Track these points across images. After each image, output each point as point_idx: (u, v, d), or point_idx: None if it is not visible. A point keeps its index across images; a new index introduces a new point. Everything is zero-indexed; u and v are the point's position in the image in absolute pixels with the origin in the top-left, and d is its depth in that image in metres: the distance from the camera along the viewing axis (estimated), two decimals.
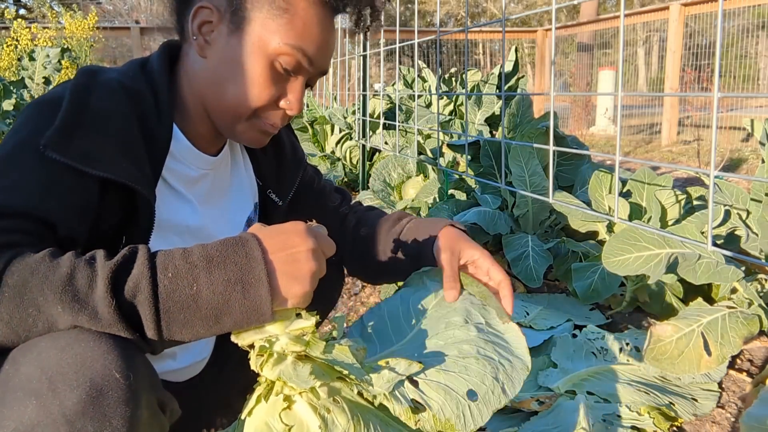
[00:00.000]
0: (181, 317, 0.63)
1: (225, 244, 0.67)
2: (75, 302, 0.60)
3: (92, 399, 0.57)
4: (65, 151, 0.72)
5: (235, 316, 0.65)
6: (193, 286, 0.63)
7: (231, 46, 0.86)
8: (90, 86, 0.80)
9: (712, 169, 1.14)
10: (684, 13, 6.99)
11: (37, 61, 4.03)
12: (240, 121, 0.90)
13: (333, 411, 0.67)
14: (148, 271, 0.62)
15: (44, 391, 0.57)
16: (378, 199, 3.30)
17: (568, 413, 1.37)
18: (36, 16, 17.85)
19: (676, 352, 1.45)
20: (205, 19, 0.87)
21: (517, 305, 2.05)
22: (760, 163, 1.74)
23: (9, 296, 0.60)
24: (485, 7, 24.30)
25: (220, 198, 1.02)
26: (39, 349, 0.60)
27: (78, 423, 0.56)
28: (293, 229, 0.69)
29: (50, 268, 0.61)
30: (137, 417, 0.60)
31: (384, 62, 5.17)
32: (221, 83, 0.87)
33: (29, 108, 0.78)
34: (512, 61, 3.85)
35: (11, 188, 0.69)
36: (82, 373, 0.58)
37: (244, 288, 0.64)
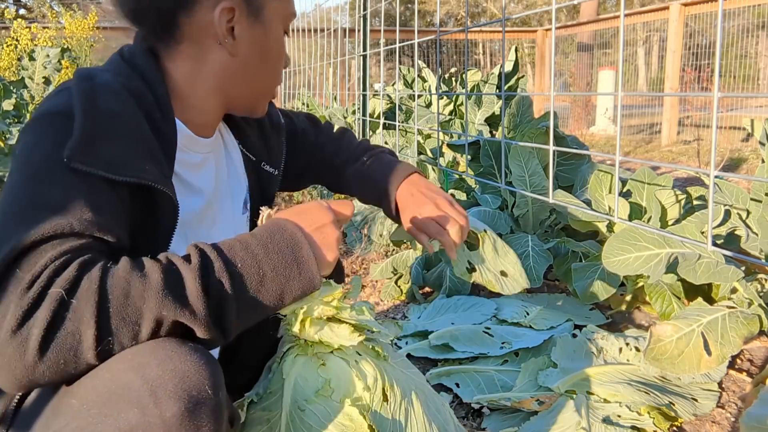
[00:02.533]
0: (254, 299, 0.70)
1: (270, 232, 0.74)
2: (173, 308, 0.65)
3: (189, 411, 0.61)
4: (91, 162, 0.72)
5: (294, 291, 0.73)
6: (259, 270, 0.70)
7: (256, 35, 0.92)
8: (94, 90, 0.79)
9: (712, 169, 1.14)
10: (684, 13, 6.99)
11: (37, 61, 4.03)
12: (268, 95, 1.01)
13: (361, 363, 0.79)
14: (224, 266, 0.68)
15: (146, 400, 0.60)
16: None
17: (568, 413, 1.37)
18: (36, 16, 17.85)
19: (676, 352, 1.45)
20: (228, 18, 0.88)
21: (517, 305, 2.05)
22: (760, 163, 1.74)
23: (114, 310, 0.63)
24: (485, 7, 24.30)
25: (223, 180, 1.04)
26: (140, 359, 0.63)
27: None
28: (313, 206, 0.79)
29: (142, 277, 0.65)
30: (221, 431, 0.65)
31: (384, 62, 5.17)
32: (253, 72, 0.94)
33: (39, 121, 0.77)
34: (512, 61, 3.85)
35: (59, 207, 0.69)
36: (181, 387, 0.62)
37: (299, 266, 0.73)
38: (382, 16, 4.07)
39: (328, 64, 6.00)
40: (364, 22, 3.87)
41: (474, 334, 1.79)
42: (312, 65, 6.39)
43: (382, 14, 4.00)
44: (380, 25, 6.42)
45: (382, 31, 4.05)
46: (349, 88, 5.50)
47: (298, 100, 6.36)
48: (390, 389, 0.79)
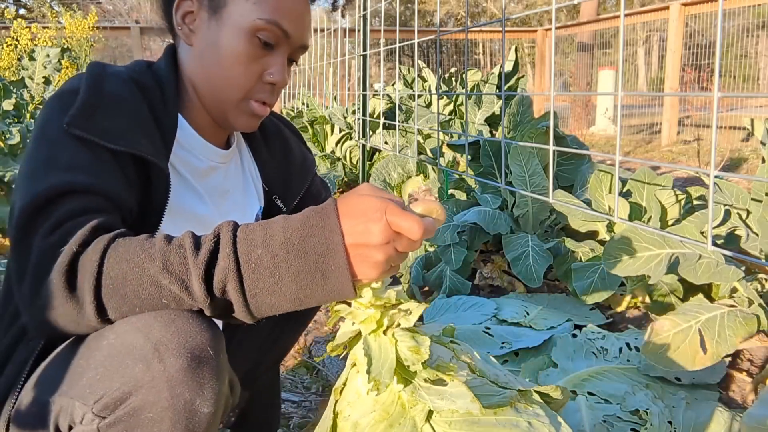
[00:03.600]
0: (268, 301, 0.67)
1: (305, 226, 0.66)
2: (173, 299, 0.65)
3: (192, 369, 0.63)
4: (87, 128, 0.77)
5: (318, 298, 0.67)
6: (275, 274, 0.65)
7: (212, 30, 0.91)
8: (102, 75, 0.85)
9: (712, 169, 1.14)
10: (684, 12, 6.99)
11: (37, 60, 4.03)
12: (230, 104, 0.94)
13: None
14: (233, 264, 0.65)
15: (150, 356, 0.62)
16: None
17: (568, 413, 1.37)
18: (36, 16, 17.85)
19: (672, 347, 1.45)
20: (186, 10, 0.93)
21: (517, 305, 2.05)
22: (760, 162, 1.74)
23: (113, 289, 0.65)
24: (485, 7, 24.30)
25: (233, 193, 1.04)
26: (144, 321, 0.65)
27: (178, 388, 0.62)
28: (375, 216, 0.66)
29: (144, 261, 0.65)
30: (222, 392, 0.66)
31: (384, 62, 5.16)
32: (208, 67, 0.92)
33: (51, 99, 0.83)
34: (512, 60, 3.85)
35: (70, 168, 0.74)
36: (184, 345, 0.63)
37: (324, 275, 0.66)
38: (382, 16, 4.06)
39: (328, 64, 6.00)
40: (364, 22, 3.87)
41: (474, 334, 1.79)
42: (312, 65, 6.39)
43: (382, 14, 4.00)
44: (380, 25, 6.42)
45: (382, 31, 4.05)
46: (349, 88, 5.50)
47: (298, 100, 6.37)
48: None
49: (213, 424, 0.66)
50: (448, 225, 2.33)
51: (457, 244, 2.30)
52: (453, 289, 2.23)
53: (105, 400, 0.63)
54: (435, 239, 2.30)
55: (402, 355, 0.70)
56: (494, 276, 2.37)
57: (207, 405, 0.64)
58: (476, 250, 2.40)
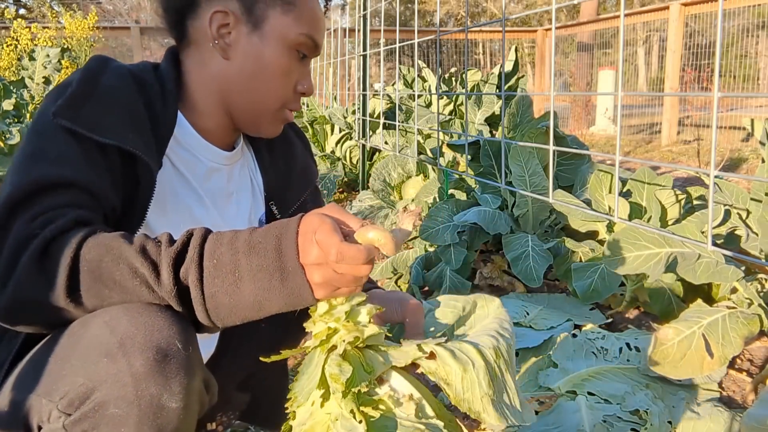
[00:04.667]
0: (226, 301, 0.65)
1: (271, 228, 0.67)
2: (144, 284, 0.65)
3: (157, 363, 0.62)
4: (74, 119, 0.77)
5: (277, 302, 0.66)
6: (235, 272, 0.65)
7: (253, 44, 0.92)
8: (101, 68, 0.85)
9: (712, 168, 1.14)
10: (684, 12, 6.98)
11: (37, 60, 4.03)
12: (268, 114, 0.97)
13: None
14: (197, 258, 0.65)
15: (115, 351, 0.62)
16: (378, 199, 3.30)
17: (568, 413, 1.37)
18: (36, 15, 17.85)
19: (678, 356, 1.45)
20: (221, 23, 0.92)
21: (517, 305, 2.05)
22: (760, 162, 1.74)
23: (87, 269, 0.65)
24: (485, 6, 24.29)
25: (238, 196, 1.04)
26: (110, 315, 0.64)
27: (143, 383, 0.61)
28: (329, 242, 0.64)
29: (121, 248, 0.65)
30: (192, 387, 0.65)
31: (384, 62, 5.16)
32: (248, 80, 0.93)
33: (50, 93, 0.83)
34: (512, 60, 3.85)
35: (54, 160, 0.74)
36: (150, 339, 0.62)
37: (282, 276, 0.65)
38: (382, 16, 4.07)
39: (328, 63, 6.00)
40: (364, 22, 3.87)
41: None
42: (312, 65, 6.39)
43: (382, 14, 4.00)
44: (380, 25, 6.42)
45: (382, 31, 4.05)
46: (349, 88, 5.50)
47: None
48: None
49: (185, 420, 0.64)
50: (448, 225, 2.33)
51: (457, 244, 2.30)
52: (453, 289, 2.23)
53: (70, 396, 0.62)
54: (435, 239, 2.30)
55: (328, 376, 0.67)
56: (494, 276, 2.37)
57: (175, 400, 0.63)
58: (476, 250, 2.40)
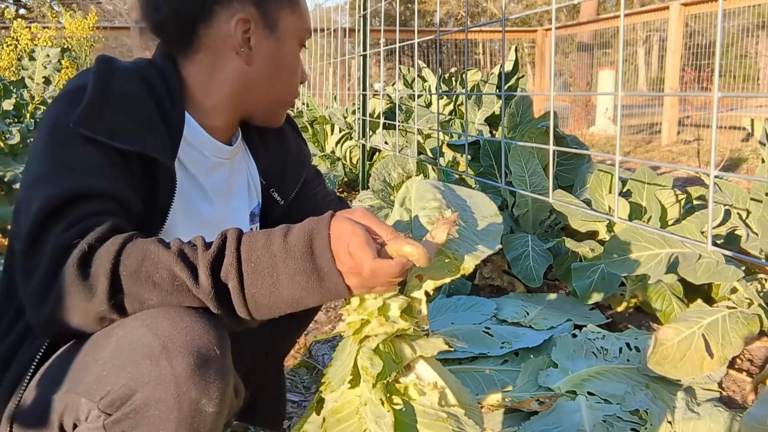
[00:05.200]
0: (266, 301, 0.68)
1: (303, 231, 0.69)
2: (183, 287, 0.66)
3: (198, 367, 0.63)
4: (95, 128, 0.77)
5: (314, 299, 0.69)
6: (273, 275, 0.67)
7: (271, 46, 0.96)
8: (110, 72, 0.85)
9: (712, 168, 1.14)
10: (684, 12, 6.99)
11: (37, 60, 4.02)
12: (284, 106, 1.04)
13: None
14: (235, 262, 0.67)
15: (158, 353, 0.63)
16: (378, 199, 3.30)
17: (568, 413, 1.37)
18: (36, 15, 17.84)
19: (678, 356, 1.45)
20: (244, 29, 0.94)
21: (517, 305, 2.05)
22: (760, 162, 1.74)
23: (126, 274, 0.66)
24: (485, 6, 24.29)
25: (237, 189, 1.05)
26: (152, 319, 0.65)
27: (184, 386, 0.62)
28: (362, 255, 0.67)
29: (160, 252, 0.67)
30: (227, 392, 0.67)
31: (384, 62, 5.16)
32: (270, 79, 0.98)
33: (59, 98, 0.83)
34: (512, 60, 3.85)
35: (84, 171, 0.75)
36: (192, 344, 0.64)
37: (319, 277, 0.68)
38: (382, 16, 4.07)
39: (328, 63, 6.00)
40: (364, 22, 3.87)
41: (474, 334, 1.79)
42: (312, 65, 6.39)
43: (382, 14, 4.00)
44: (380, 25, 6.42)
45: (382, 30, 4.05)
46: (349, 88, 5.50)
47: (299, 100, 6.36)
48: None
49: (217, 424, 0.66)
50: None
51: None
52: (453, 289, 2.23)
53: (111, 397, 0.63)
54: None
55: (361, 365, 0.73)
56: (494, 276, 2.37)
57: (212, 405, 0.64)
58: None
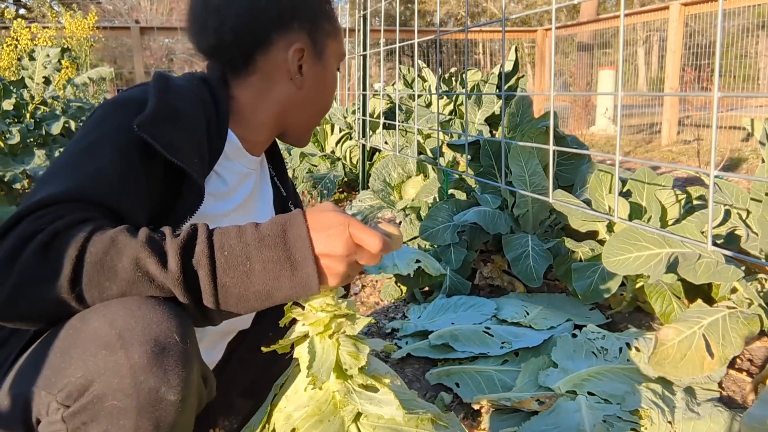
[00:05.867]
0: (236, 291, 0.68)
1: (275, 223, 0.71)
2: (147, 275, 0.66)
3: (156, 356, 0.63)
4: (154, 135, 0.80)
5: (285, 291, 0.70)
6: (246, 263, 0.68)
7: (318, 72, 1.05)
8: (168, 89, 0.89)
9: (712, 168, 1.14)
10: (684, 12, 6.98)
11: (37, 60, 4.02)
12: (316, 125, 1.11)
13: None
14: (207, 250, 0.67)
15: (113, 343, 0.62)
16: (378, 199, 3.30)
17: (568, 413, 1.37)
18: (36, 15, 17.84)
19: (678, 356, 1.45)
20: (299, 57, 1.02)
21: (517, 305, 2.05)
22: (760, 162, 1.74)
23: (90, 261, 0.65)
24: (485, 6, 24.28)
25: (256, 200, 1.12)
26: (109, 308, 0.65)
27: (141, 375, 0.62)
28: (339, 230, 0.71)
29: (127, 241, 0.66)
30: (190, 380, 0.66)
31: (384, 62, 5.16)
32: (313, 101, 1.06)
33: (108, 106, 0.85)
34: (512, 60, 3.85)
35: (94, 177, 0.75)
36: (149, 332, 0.63)
37: (292, 266, 0.69)
38: (382, 16, 4.07)
39: None
40: (364, 22, 3.87)
41: (474, 334, 1.79)
42: None
43: (382, 14, 4.00)
44: (380, 25, 6.42)
45: (382, 30, 4.05)
46: (349, 88, 5.50)
47: None
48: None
49: (183, 412, 0.65)
50: (448, 225, 2.33)
51: (457, 244, 2.30)
52: (453, 289, 2.23)
53: (69, 389, 0.63)
54: (435, 239, 2.30)
55: (342, 359, 0.74)
56: (494, 276, 2.37)
57: (173, 392, 0.63)
58: (476, 250, 2.40)
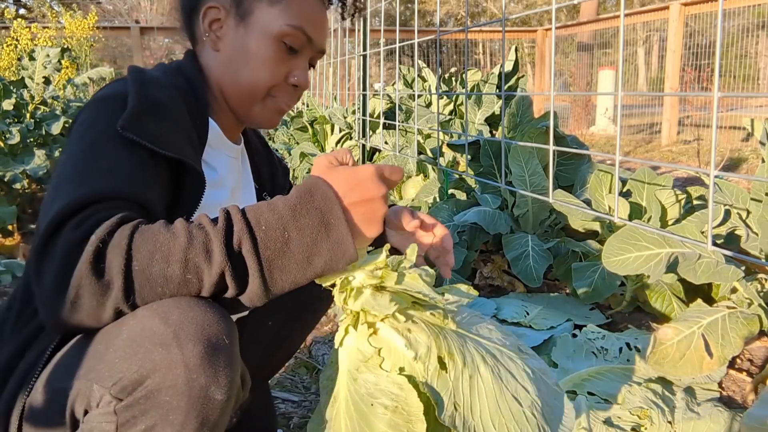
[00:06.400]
0: (279, 263, 0.70)
1: (301, 193, 0.73)
2: (196, 269, 0.67)
3: (209, 355, 0.65)
4: (141, 133, 0.80)
5: (324, 255, 0.71)
6: (284, 233, 0.70)
7: (240, 35, 0.97)
8: (144, 82, 0.88)
9: (712, 168, 1.14)
10: (684, 12, 6.99)
11: (37, 60, 4.02)
12: (256, 103, 1.00)
13: (413, 330, 0.75)
14: (246, 227, 0.69)
15: (169, 341, 0.64)
16: None
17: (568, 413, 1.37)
18: (36, 15, 17.84)
19: (677, 355, 1.45)
20: (213, 18, 0.98)
21: (517, 305, 2.05)
22: (760, 162, 1.74)
23: (139, 269, 0.67)
24: (485, 6, 24.29)
25: (242, 188, 1.11)
26: (163, 308, 0.66)
27: (194, 373, 0.64)
28: (366, 176, 0.74)
29: (169, 239, 0.67)
30: (235, 381, 0.68)
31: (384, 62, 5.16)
32: (236, 70, 0.98)
33: (97, 102, 0.86)
34: (512, 60, 3.85)
35: (109, 173, 0.76)
36: (202, 332, 0.65)
37: (327, 229, 0.71)
38: (382, 16, 4.06)
39: (328, 63, 6.00)
40: (364, 22, 3.87)
41: None
42: None
43: (382, 14, 4.00)
44: (380, 25, 6.42)
45: (382, 30, 4.05)
46: (349, 88, 5.50)
47: (299, 100, 6.37)
48: (448, 356, 0.74)
49: (225, 413, 0.67)
50: (448, 225, 2.33)
51: (457, 244, 2.30)
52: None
53: (123, 383, 0.64)
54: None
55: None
56: (494, 276, 2.37)
57: (221, 392, 0.65)
58: (476, 250, 2.40)
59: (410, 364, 0.73)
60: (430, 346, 0.74)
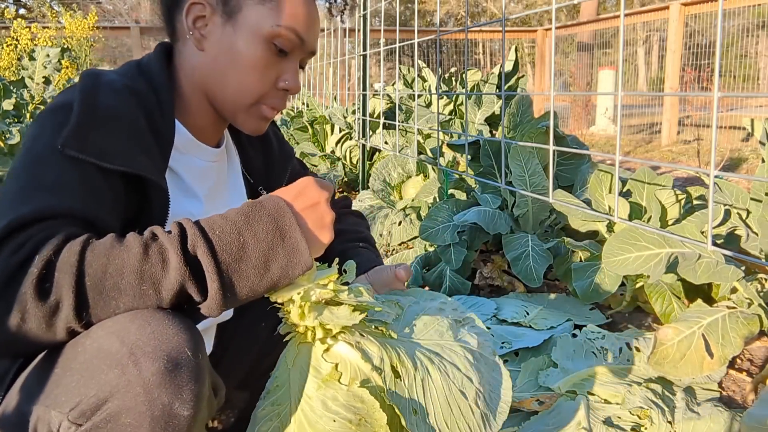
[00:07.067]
0: (236, 267, 0.68)
1: (251, 203, 0.73)
2: (153, 279, 0.65)
3: (169, 372, 0.62)
4: (82, 149, 0.76)
5: (280, 261, 0.71)
6: (239, 238, 0.69)
7: (227, 34, 0.90)
8: (96, 87, 0.83)
9: (712, 168, 1.14)
10: (684, 12, 6.98)
11: (37, 60, 4.02)
12: (243, 109, 0.94)
13: (363, 342, 0.75)
14: (200, 233, 0.68)
15: (125, 361, 0.62)
16: (378, 199, 3.30)
17: (568, 413, 1.37)
18: (36, 15, 17.84)
19: (678, 356, 1.45)
20: (198, 14, 0.91)
21: (517, 305, 2.05)
22: (760, 162, 1.74)
23: (91, 285, 0.64)
24: (485, 6, 24.28)
25: (223, 192, 1.04)
26: (119, 325, 0.64)
27: (155, 392, 0.61)
28: (307, 184, 0.76)
29: (122, 251, 0.65)
30: (202, 394, 0.65)
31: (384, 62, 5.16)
32: (223, 72, 0.91)
33: (43, 115, 0.81)
34: (512, 60, 3.85)
35: (52, 190, 0.73)
36: (160, 348, 0.63)
37: (281, 234, 0.71)
38: (382, 16, 4.07)
39: (328, 63, 6.01)
40: (364, 22, 3.87)
41: None
42: (312, 65, 6.39)
43: (382, 14, 4.00)
44: (380, 25, 6.42)
45: (382, 30, 4.05)
46: (349, 88, 5.50)
47: (298, 100, 6.36)
48: (400, 364, 0.75)
49: (194, 426, 0.65)
50: (448, 225, 2.33)
51: (457, 244, 2.30)
52: (453, 289, 2.23)
53: (81, 407, 0.62)
54: (435, 239, 2.30)
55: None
56: (494, 276, 2.37)
57: (186, 408, 0.63)
58: (476, 250, 2.40)
59: (368, 376, 0.73)
60: (382, 356, 0.75)
